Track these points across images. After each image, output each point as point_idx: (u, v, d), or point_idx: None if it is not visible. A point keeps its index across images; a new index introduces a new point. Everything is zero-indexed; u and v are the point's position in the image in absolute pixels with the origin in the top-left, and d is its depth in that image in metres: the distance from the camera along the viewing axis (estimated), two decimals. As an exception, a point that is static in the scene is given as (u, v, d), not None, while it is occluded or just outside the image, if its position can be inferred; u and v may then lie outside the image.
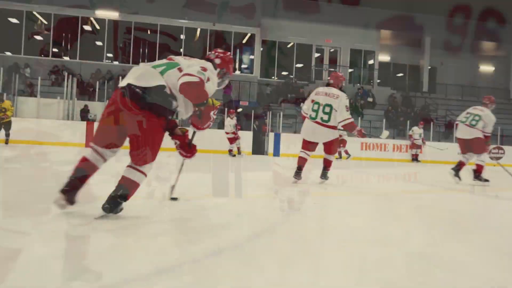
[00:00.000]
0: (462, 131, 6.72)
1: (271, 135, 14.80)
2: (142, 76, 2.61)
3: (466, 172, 6.74)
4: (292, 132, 16.23)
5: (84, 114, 14.44)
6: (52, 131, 12.66)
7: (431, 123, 17.20)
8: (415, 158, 15.37)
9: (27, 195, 3.33)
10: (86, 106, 14.64)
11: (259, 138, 15.33)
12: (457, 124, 6.98)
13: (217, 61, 3.05)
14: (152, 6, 18.22)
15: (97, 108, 14.86)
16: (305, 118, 5.58)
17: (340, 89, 5.54)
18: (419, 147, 15.34)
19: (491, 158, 16.12)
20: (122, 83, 2.65)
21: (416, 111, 19.48)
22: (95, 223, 2.48)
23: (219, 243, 2.18)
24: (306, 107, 5.57)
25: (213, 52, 3.13)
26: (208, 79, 2.69)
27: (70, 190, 2.60)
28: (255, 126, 15.30)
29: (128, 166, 2.66)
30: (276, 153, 14.44)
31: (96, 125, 11.79)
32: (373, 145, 15.39)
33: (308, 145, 5.50)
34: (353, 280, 1.79)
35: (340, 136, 10.30)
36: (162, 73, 2.64)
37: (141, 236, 2.29)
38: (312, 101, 5.48)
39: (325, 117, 5.30)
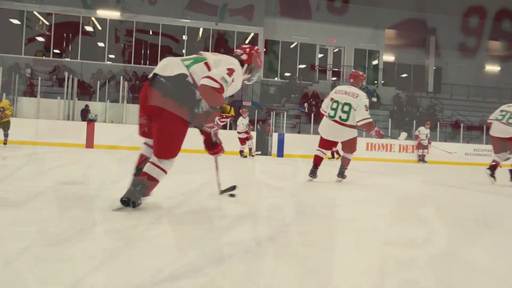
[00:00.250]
0: (499, 130, 6.52)
1: (275, 136, 14.60)
2: (167, 66, 2.69)
3: (471, 173, 6.51)
4: (296, 133, 16.06)
5: (85, 115, 14.27)
6: (52, 132, 12.50)
7: (438, 123, 16.97)
8: (421, 159, 15.11)
9: (25, 196, 3.16)
10: (87, 106, 14.49)
11: (263, 138, 15.14)
12: (490, 123, 6.77)
13: (244, 57, 3.08)
14: (154, 7, 18.13)
15: (98, 108, 14.71)
16: (323, 116, 5.53)
17: (360, 88, 5.49)
18: (425, 147, 15.09)
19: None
20: (150, 74, 2.73)
21: (422, 111, 19.27)
22: (90, 225, 2.30)
23: (223, 248, 1.97)
24: (325, 105, 5.52)
25: (239, 48, 3.17)
26: (232, 80, 2.72)
27: None
28: (258, 127, 15.10)
29: (150, 161, 2.69)
30: (280, 153, 14.22)
31: (96, 125, 11.72)
32: (378, 146, 15.15)
33: (325, 144, 5.48)
34: (372, 283, 1.62)
35: None
36: (188, 66, 2.69)
37: (138, 240, 2.07)
38: (331, 99, 5.43)
39: (344, 116, 5.25)
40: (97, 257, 1.72)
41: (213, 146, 2.98)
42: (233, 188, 3.11)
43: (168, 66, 2.67)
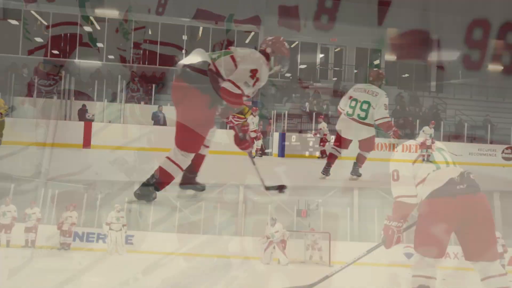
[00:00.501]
0: None
1: (276, 135, 14.45)
2: (192, 56, 2.87)
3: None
4: (297, 132, 15.89)
5: (82, 114, 14.15)
6: (49, 132, 12.31)
7: (441, 123, 16.86)
8: (426, 159, 14.93)
9: (22, 196, 2.98)
10: (84, 106, 14.36)
11: (264, 138, 15.03)
12: None
13: (269, 50, 3.20)
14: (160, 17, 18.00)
15: (95, 108, 14.57)
16: (340, 113, 5.52)
17: (380, 86, 5.46)
18: (429, 147, 14.90)
19: (503, 158, 15.68)
20: (178, 65, 2.90)
21: (425, 111, 19.17)
22: (91, 224, 2.09)
23: (229, 252, 1.76)
24: (343, 103, 5.50)
25: (263, 43, 3.27)
26: (257, 79, 2.87)
27: (186, 183, 2.88)
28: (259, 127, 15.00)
29: (166, 157, 2.78)
30: (281, 153, 14.07)
31: (94, 125, 11.61)
32: (381, 145, 14.96)
33: (341, 142, 5.42)
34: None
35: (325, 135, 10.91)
36: (215, 58, 2.86)
37: (142, 241, 1.85)
38: (350, 97, 5.43)
39: (362, 114, 5.21)
40: (98, 257, 1.55)
41: (241, 141, 3.10)
42: (283, 187, 3.18)
43: (193, 57, 2.85)
